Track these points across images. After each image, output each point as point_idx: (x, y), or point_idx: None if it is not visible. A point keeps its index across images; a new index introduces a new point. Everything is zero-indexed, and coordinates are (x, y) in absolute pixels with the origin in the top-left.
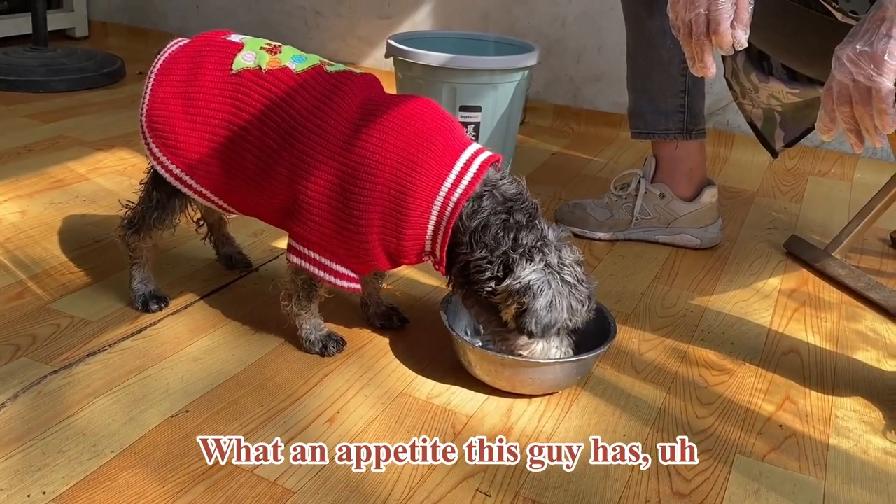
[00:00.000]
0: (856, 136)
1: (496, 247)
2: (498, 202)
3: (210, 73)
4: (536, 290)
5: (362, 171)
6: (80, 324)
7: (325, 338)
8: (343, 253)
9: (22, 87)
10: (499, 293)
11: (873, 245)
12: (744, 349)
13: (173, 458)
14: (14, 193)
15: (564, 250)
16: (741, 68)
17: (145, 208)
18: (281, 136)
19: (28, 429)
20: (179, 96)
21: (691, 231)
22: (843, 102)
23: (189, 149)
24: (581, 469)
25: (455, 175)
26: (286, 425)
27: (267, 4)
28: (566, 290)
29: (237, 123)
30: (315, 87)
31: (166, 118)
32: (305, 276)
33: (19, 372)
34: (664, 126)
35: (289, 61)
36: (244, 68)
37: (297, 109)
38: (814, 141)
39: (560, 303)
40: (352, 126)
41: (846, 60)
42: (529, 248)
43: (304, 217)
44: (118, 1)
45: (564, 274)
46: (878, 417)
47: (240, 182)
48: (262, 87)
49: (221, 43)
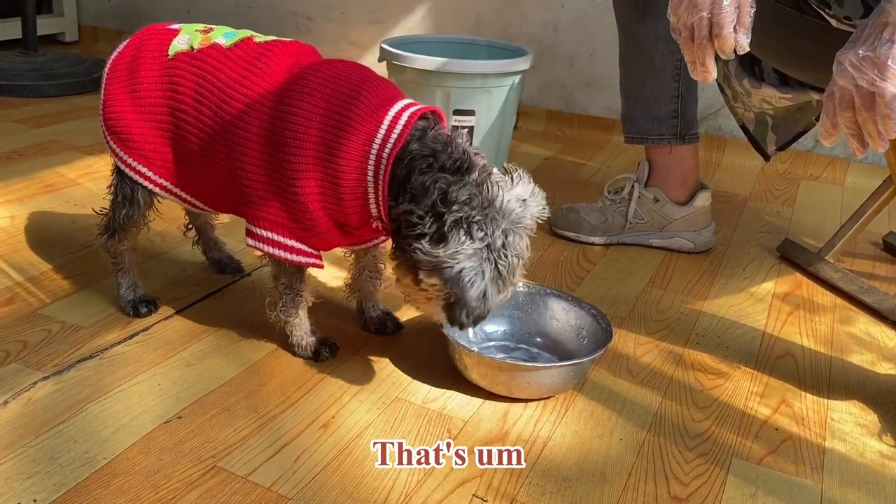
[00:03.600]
0: (858, 141)
1: (424, 196)
2: (426, 147)
3: (149, 62)
4: (467, 283)
5: (289, 137)
6: (72, 329)
7: (317, 343)
8: (293, 226)
9: (12, 91)
10: (426, 260)
11: (865, 249)
12: (739, 353)
13: (166, 464)
14: (4, 198)
15: (509, 206)
16: (733, 73)
17: (115, 209)
18: (213, 111)
19: (19, 435)
20: (126, 91)
21: (685, 235)
22: (845, 107)
23: (142, 140)
24: (578, 473)
25: (384, 130)
26: (280, 431)
27: (258, 10)
28: (500, 277)
29: (176, 107)
30: (242, 57)
31: (118, 114)
32: (285, 280)
33: (10, 378)
34: (657, 131)
35: (220, 38)
36: (178, 51)
37: (225, 81)
38: (805, 145)
39: (493, 292)
40: (277, 92)
41: (848, 65)
42: (468, 217)
43: (247, 192)
44: (108, 6)
45: (500, 263)
46: (873, 420)
47: (192, 168)
48: (194, 65)
49: (160, 32)
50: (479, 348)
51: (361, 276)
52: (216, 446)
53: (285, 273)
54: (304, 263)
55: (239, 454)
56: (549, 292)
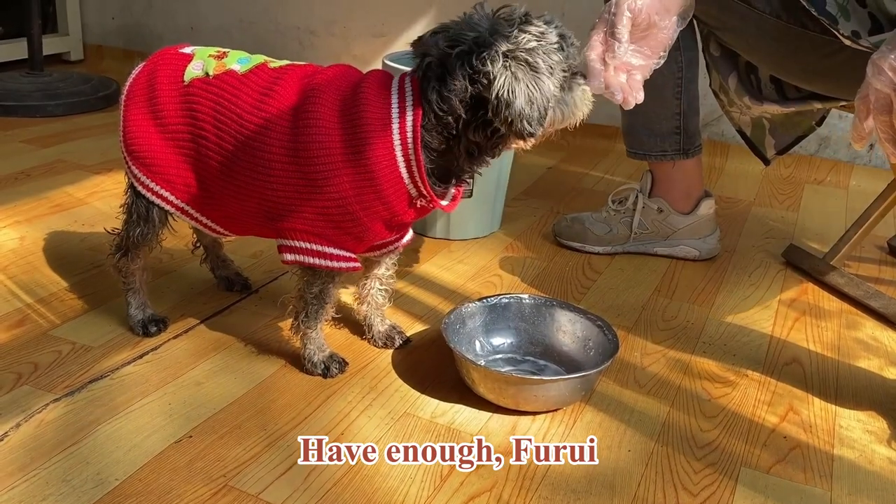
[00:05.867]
0: (893, 145)
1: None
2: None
3: (166, 88)
4: (508, 98)
5: (315, 148)
6: (82, 350)
7: (327, 359)
8: (331, 233)
9: (18, 112)
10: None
11: (871, 253)
12: (746, 360)
13: (178, 484)
14: (13, 219)
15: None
16: (732, 90)
17: (128, 227)
18: (233, 136)
19: (31, 458)
20: (147, 116)
21: (690, 243)
22: (882, 111)
23: (165, 165)
24: (587, 485)
25: (396, 108)
26: (290, 448)
27: (262, 25)
28: (533, 71)
29: (197, 133)
30: (258, 83)
31: (140, 139)
32: (317, 289)
33: (22, 400)
34: (660, 148)
35: (234, 64)
36: (194, 77)
37: (243, 107)
38: (809, 149)
39: (534, 88)
40: (293, 111)
41: (888, 69)
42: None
43: (278, 210)
44: (113, 24)
45: (528, 59)
46: (882, 426)
47: (214, 192)
48: (211, 92)
49: (174, 56)
50: (486, 361)
51: (371, 288)
52: (227, 465)
53: (319, 281)
54: (343, 269)
55: (250, 472)
56: (556, 304)
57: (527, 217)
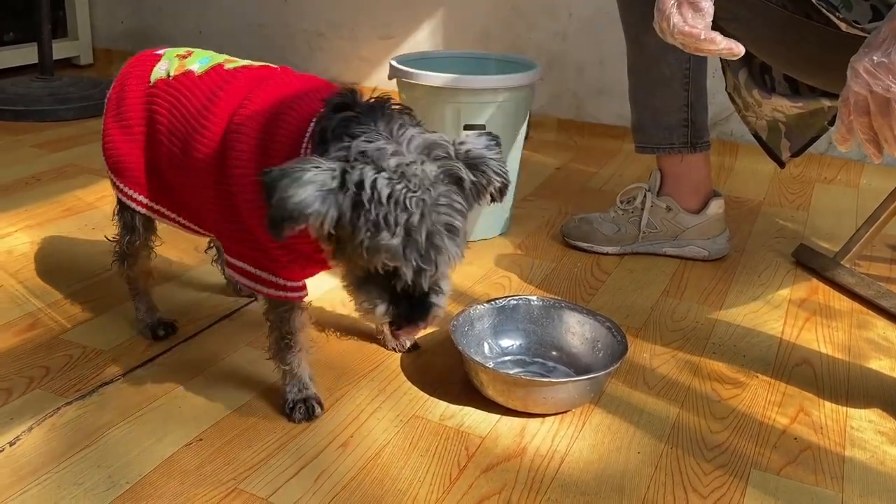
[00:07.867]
0: (874, 146)
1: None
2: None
3: (133, 90)
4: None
5: (232, 166)
6: (93, 354)
7: (300, 400)
8: (255, 255)
9: (29, 116)
10: None
11: (882, 252)
12: (756, 361)
13: (188, 487)
14: (24, 224)
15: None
16: (742, 85)
17: (122, 235)
18: (181, 141)
19: (43, 461)
20: (115, 120)
21: (699, 243)
22: (860, 113)
23: (135, 168)
24: (596, 488)
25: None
26: (299, 451)
27: (270, 28)
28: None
29: (154, 136)
30: (208, 86)
31: (111, 143)
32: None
33: (34, 404)
34: (668, 141)
35: (194, 64)
36: (158, 78)
37: (190, 111)
38: (819, 148)
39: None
40: (228, 124)
41: (863, 71)
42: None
43: (214, 221)
44: (122, 28)
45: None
46: (893, 427)
47: (178, 194)
48: (169, 93)
49: (146, 58)
50: (495, 363)
51: None
52: (237, 468)
53: (272, 308)
54: (272, 295)
55: (259, 475)
56: (564, 305)
57: (535, 218)
